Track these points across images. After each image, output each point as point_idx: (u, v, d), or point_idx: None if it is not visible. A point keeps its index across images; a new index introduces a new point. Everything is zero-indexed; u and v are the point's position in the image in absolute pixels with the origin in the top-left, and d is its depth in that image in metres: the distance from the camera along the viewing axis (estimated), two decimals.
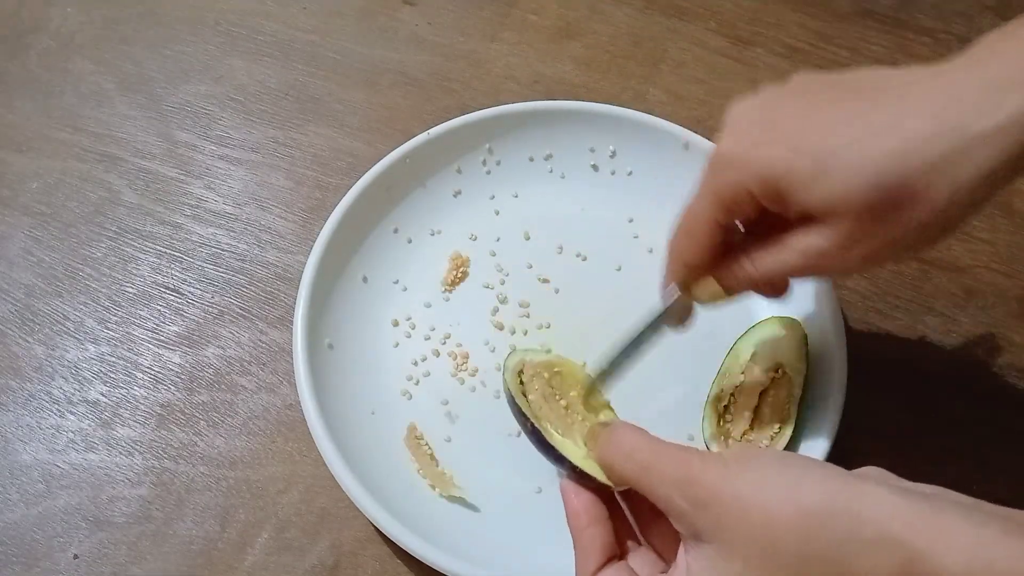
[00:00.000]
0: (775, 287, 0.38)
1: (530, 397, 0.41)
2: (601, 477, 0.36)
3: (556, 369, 0.43)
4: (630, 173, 0.56)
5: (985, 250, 0.55)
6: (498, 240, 0.55)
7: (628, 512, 0.37)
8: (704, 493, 0.31)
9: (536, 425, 0.39)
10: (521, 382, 0.42)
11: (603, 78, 0.64)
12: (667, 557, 0.36)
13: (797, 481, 0.30)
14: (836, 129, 0.33)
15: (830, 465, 0.31)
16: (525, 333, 0.51)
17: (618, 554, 0.35)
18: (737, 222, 0.38)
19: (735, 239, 0.39)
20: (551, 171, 0.57)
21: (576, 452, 0.37)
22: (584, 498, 0.36)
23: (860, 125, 0.32)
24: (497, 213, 0.56)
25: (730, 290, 0.39)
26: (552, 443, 0.38)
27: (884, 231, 0.33)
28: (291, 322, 0.48)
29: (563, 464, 0.38)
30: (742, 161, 0.34)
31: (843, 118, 0.33)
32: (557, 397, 0.42)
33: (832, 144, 0.32)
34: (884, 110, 0.32)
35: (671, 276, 0.40)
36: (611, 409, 0.42)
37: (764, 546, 0.29)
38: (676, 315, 0.42)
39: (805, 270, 0.36)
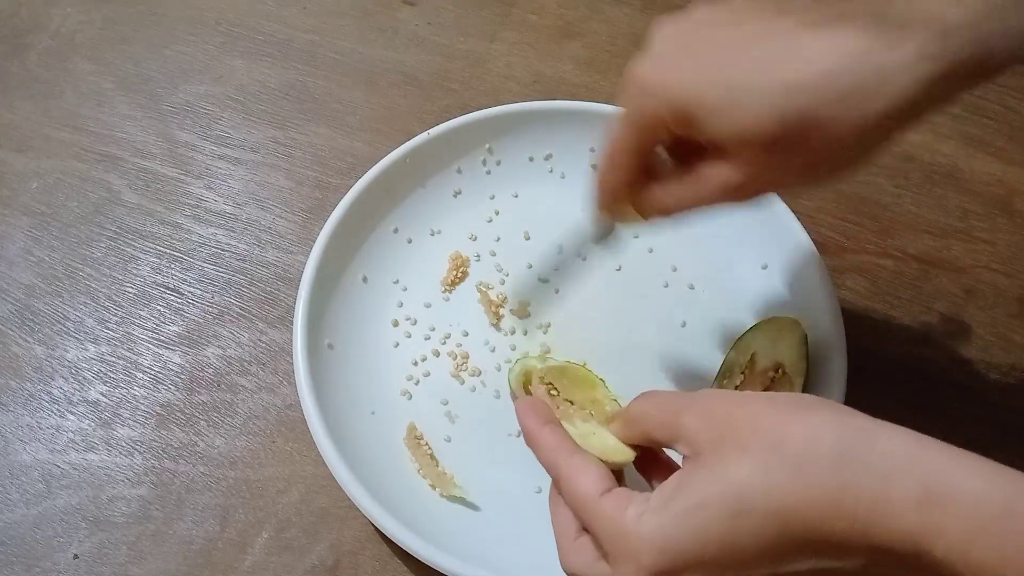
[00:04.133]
0: (685, 212, 0.38)
1: (533, 389, 0.42)
2: (598, 455, 0.36)
3: (562, 375, 0.43)
4: None
5: (985, 250, 0.55)
6: (498, 240, 0.55)
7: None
8: (712, 407, 0.31)
9: None
10: (525, 386, 0.43)
11: (603, 78, 0.64)
12: None
13: (812, 404, 0.30)
14: (745, 58, 0.33)
15: (848, 407, 0.31)
16: (525, 333, 0.51)
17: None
18: (661, 150, 0.38)
19: (659, 164, 0.39)
20: (551, 171, 0.57)
21: (572, 432, 0.38)
22: (552, 424, 0.36)
23: (769, 55, 0.32)
24: (497, 213, 0.56)
25: (645, 216, 0.39)
26: None
27: (791, 162, 0.33)
28: (291, 322, 0.48)
29: None
30: (656, 88, 0.34)
31: (754, 46, 0.33)
32: (557, 396, 0.42)
33: (741, 75, 0.32)
34: (796, 39, 0.32)
35: (599, 199, 0.40)
36: (616, 401, 0.42)
37: (768, 445, 0.29)
38: (600, 234, 0.43)
39: (714, 200, 0.36)
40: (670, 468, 0.36)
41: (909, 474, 0.26)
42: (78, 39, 0.67)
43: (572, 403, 0.42)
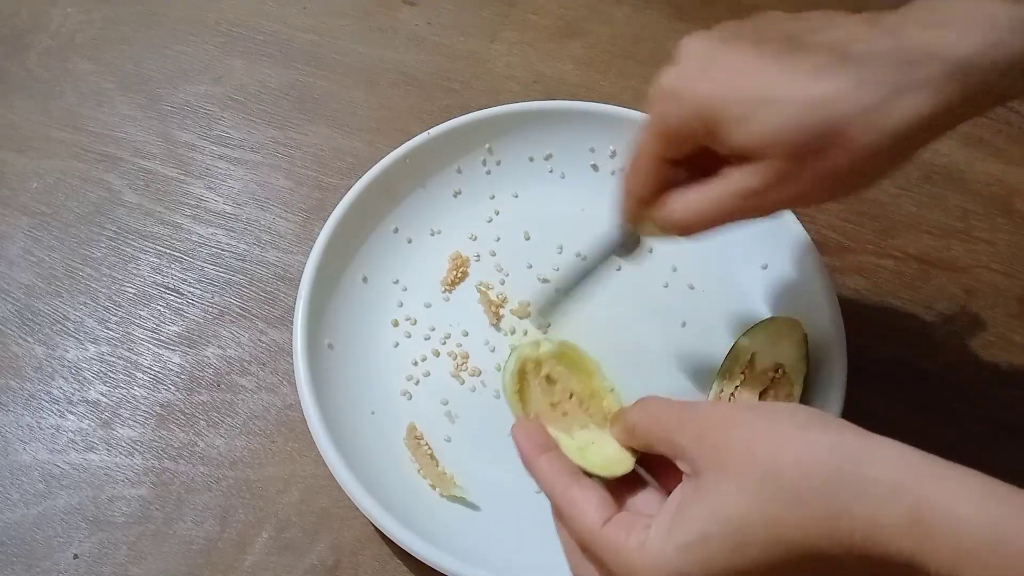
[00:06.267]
0: (704, 226, 0.38)
1: (530, 395, 0.42)
2: (593, 469, 0.37)
3: (558, 362, 0.43)
4: None
5: (985, 250, 0.55)
6: (498, 240, 0.55)
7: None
8: (705, 427, 0.32)
9: None
10: (521, 382, 0.42)
11: (603, 78, 0.64)
12: None
13: (807, 422, 0.30)
14: (772, 71, 0.34)
15: (843, 420, 0.31)
16: (525, 333, 0.51)
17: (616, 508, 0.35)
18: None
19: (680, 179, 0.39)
20: (551, 171, 0.57)
21: (570, 444, 0.38)
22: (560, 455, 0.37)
23: (794, 69, 0.33)
24: (497, 213, 0.56)
25: (664, 227, 0.39)
26: None
27: (809, 172, 0.34)
28: (291, 322, 0.48)
29: None
30: (682, 95, 0.35)
31: (781, 60, 0.34)
32: (554, 398, 0.42)
33: (765, 85, 0.33)
34: (820, 55, 0.33)
35: (623, 208, 0.41)
36: (613, 391, 0.42)
37: (763, 474, 0.29)
38: (626, 246, 0.42)
39: (733, 206, 0.36)
40: (671, 467, 0.36)
41: (900, 501, 0.27)
42: (78, 39, 0.67)
43: (570, 396, 0.42)
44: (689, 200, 0.37)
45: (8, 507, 0.48)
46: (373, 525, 0.43)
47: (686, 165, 0.38)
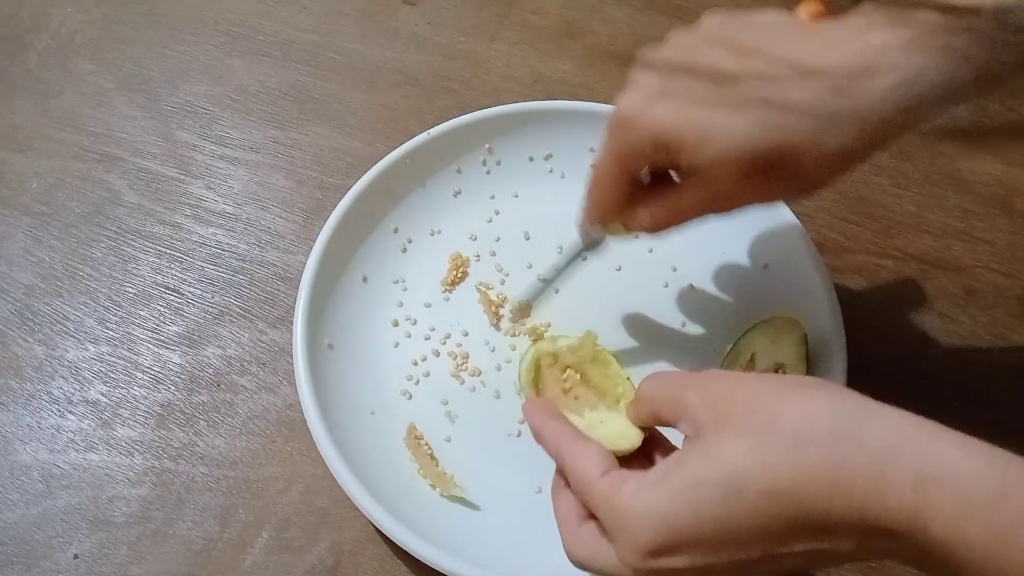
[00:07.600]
0: (668, 229, 0.42)
1: (544, 384, 0.43)
2: (603, 444, 0.37)
3: (574, 354, 0.44)
4: None
5: (985, 250, 0.55)
6: (498, 240, 0.55)
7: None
8: (711, 388, 0.32)
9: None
10: (536, 371, 0.44)
11: (603, 78, 0.64)
12: None
13: (810, 384, 0.31)
14: (722, 93, 0.36)
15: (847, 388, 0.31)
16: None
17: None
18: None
19: (643, 182, 0.42)
20: (551, 171, 0.57)
21: (579, 423, 0.39)
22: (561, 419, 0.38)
23: (743, 91, 0.35)
24: (497, 213, 0.56)
25: (632, 231, 0.43)
26: None
27: (761, 186, 0.37)
28: (291, 322, 0.48)
29: None
30: (638, 123, 0.37)
31: (730, 84, 0.36)
32: (567, 384, 0.43)
33: (716, 111, 0.35)
34: (767, 76, 0.35)
35: (588, 217, 0.44)
36: (629, 380, 0.43)
37: (763, 424, 0.29)
38: (591, 244, 0.47)
39: (695, 213, 0.40)
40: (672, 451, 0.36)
41: (905, 454, 0.26)
42: (78, 39, 0.67)
43: (583, 379, 0.43)
44: (655, 211, 0.41)
45: (8, 507, 0.48)
46: (373, 525, 0.43)
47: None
